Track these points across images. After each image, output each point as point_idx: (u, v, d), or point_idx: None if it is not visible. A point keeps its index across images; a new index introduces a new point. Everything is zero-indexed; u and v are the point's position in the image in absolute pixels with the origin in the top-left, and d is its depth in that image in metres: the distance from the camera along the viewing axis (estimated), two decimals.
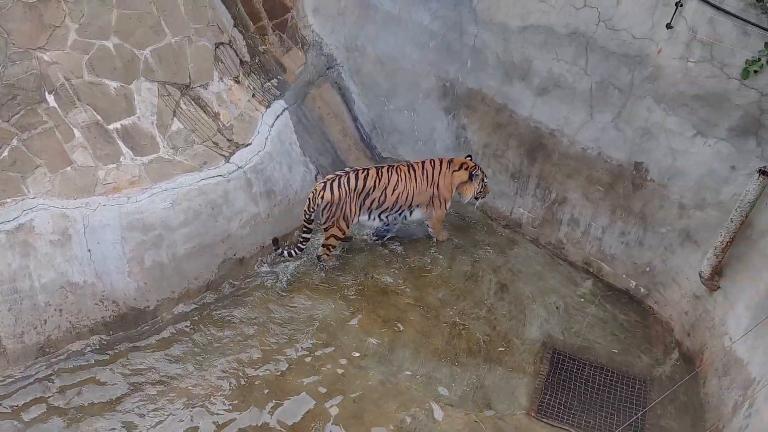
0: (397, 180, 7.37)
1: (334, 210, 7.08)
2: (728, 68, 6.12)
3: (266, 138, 7.44)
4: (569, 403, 6.08)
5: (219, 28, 7.51)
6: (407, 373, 6.16)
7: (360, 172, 7.27)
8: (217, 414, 5.55)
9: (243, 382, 5.84)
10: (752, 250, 6.15)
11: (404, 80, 8.72)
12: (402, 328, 6.63)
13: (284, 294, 6.85)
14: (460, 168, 7.58)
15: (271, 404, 5.68)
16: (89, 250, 5.97)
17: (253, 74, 7.85)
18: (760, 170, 5.81)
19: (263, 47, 8.16)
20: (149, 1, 6.85)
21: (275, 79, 8.11)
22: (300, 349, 6.22)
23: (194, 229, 6.52)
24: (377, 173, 7.31)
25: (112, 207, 6.10)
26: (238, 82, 7.60)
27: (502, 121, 8.00)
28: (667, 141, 6.71)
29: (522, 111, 7.75)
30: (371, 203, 7.29)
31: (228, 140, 7.17)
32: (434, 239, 7.90)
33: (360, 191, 7.19)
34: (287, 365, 6.05)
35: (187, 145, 6.87)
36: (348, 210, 7.16)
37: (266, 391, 5.78)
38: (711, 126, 6.36)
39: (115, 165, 6.37)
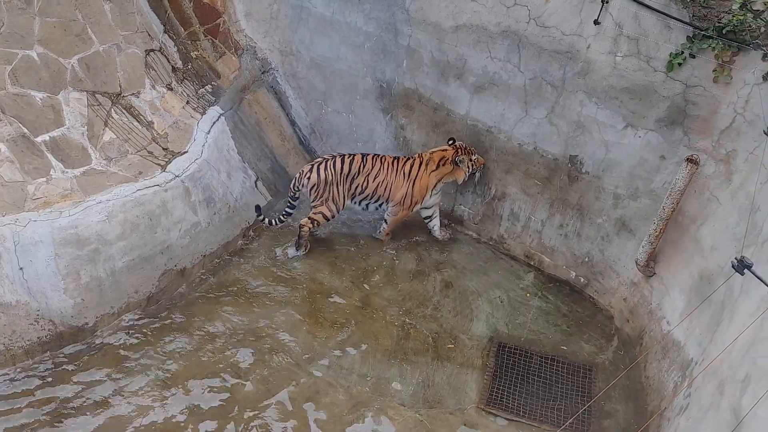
0: (380, 169, 7.60)
1: (321, 191, 7.48)
2: (654, 61, 6.33)
3: (203, 145, 7.30)
4: (517, 394, 6.18)
5: (148, 34, 7.33)
6: (357, 375, 6.15)
7: (346, 156, 7.62)
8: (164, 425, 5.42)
9: (191, 394, 5.71)
10: (684, 235, 6.38)
11: (341, 82, 8.70)
12: (350, 330, 6.62)
13: (230, 302, 6.74)
14: (439, 166, 7.65)
15: (220, 414, 5.58)
16: (21, 269, 5.73)
17: (186, 81, 7.71)
18: (687, 159, 6.04)
19: (195, 53, 8.02)
20: (74, 8, 6.64)
21: (209, 85, 7.98)
22: (248, 357, 6.13)
23: (132, 241, 6.34)
24: (362, 159, 7.61)
25: (44, 222, 5.86)
26: (171, 89, 7.44)
27: (439, 119, 8.08)
28: (599, 134, 6.89)
29: (459, 109, 7.84)
30: (356, 188, 7.58)
31: (163, 149, 7.01)
32: (379, 235, 7.94)
33: (346, 174, 7.49)
34: (235, 374, 5.95)
35: (120, 156, 6.69)
36: (336, 192, 7.48)
37: (215, 403, 5.67)
38: (640, 118, 6.57)
39: (44, 179, 6.15)
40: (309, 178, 7.46)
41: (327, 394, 5.91)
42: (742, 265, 3.02)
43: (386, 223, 7.90)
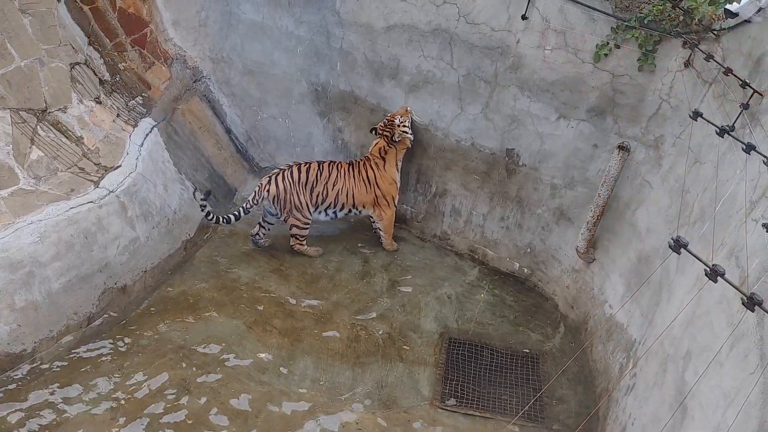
0: (337, 176, 7.61)
1: (283, 202, 7.47)
2: (581, 53, 6.51)
3: (137, 158, 7.11)
4: (470, 388, 6.24)
5: (72, 47, 7.10)
6: (310, 380, 6.10)
7: (302, 165, 7.64)
8: None
9: (141, 412, 5.55)
10: (620, 221, 6.58)
11: (275, 88, 8.63)
12: (300, 336, 6.56)
13: (175, 317, 6.58)
14: (384, 157, 7.73)
15: (171, 428, 5.45)
16: None
17: (115, 93, 7.50)
18: (618, 146, 6.23)
19: (123, 64, 7.81)
20: None
21: (140, 97, 7.78)
22: (196, 370, 6.00)
23: (68, 261, 6.12)
24: (318, 167, 7.61)
25: None
26: (99, 102, 7.22)
27: (376, 120, 8.10)
28: (534, 126, 7.04)
29: (395, 109, 7.88)
30: (317, 197, 7.55)
31: (95, 164, 6.80)
32: (387, 247, 8.01)
33: (305, 183, 7.48)
34: (183, 389, 5.81)
35: (50, 174, 6.45)
36: (297, 201, 7.43)
37: (168, 419, 5.52)
38: (572, 108, 6.74)
39: None
40: (268, 190, 7.42)
41: (281, 403, 5.83)
42: (678, 245, 3.12)
43: (382, 231, 7.90)
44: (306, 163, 7.66)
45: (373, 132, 7.68)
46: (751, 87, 4.88)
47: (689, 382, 4.16)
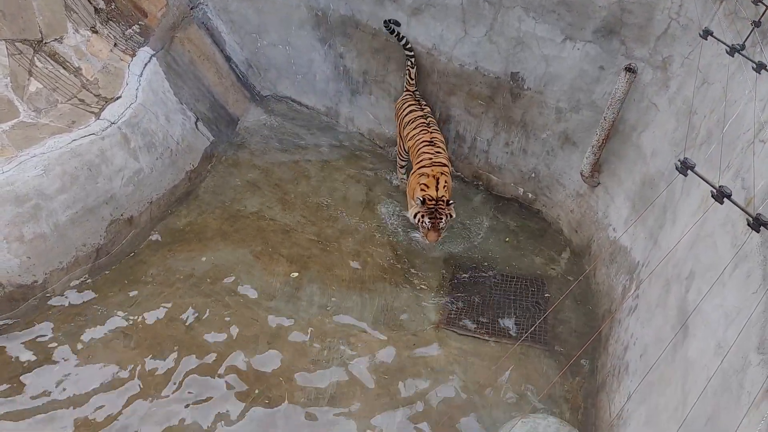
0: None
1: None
2: None
3: (137, 89, 7.03)
4: (475, 312, 6.35)
5: None
6: (317, 307, 6.21)
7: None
8: (129, 371, 5.40)
9: (152, 342, 5.69)
10: (626, 144, 6.53)
11: (275, 14, 8.42)
12: (306, 264, 6.64)
13: (182, 247, 6.65)
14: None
15: (182, 358, 5.58)
16: None
17: (111, 22, 7.34)
18: (626, 68, 6.11)
19: None
20: None
21: (137, 25, 7.62)
22: (206, 300, 6.11)
23: (74, 193, 6.14)
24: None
25: None
26: (96, 32, 7.08)
27: (378, 45, 7.94)
28: (539, 49, 6.89)
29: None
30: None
31: (95, 95, 6.73)
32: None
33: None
34: (196, 319, 5.93)
35: (50, 106, 6.40)
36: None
37: (176, 347, 5.66)
38: (578, 30, 6.58)
39: None
40: None
41: (290, 329, 5.96)
42: (685, 167, 3.10)
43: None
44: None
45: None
46: (763, 3, 4.74)
47: (692, 303, 4.22)
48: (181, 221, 7.00)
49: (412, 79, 7.70)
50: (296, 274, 6.51)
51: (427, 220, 6.60)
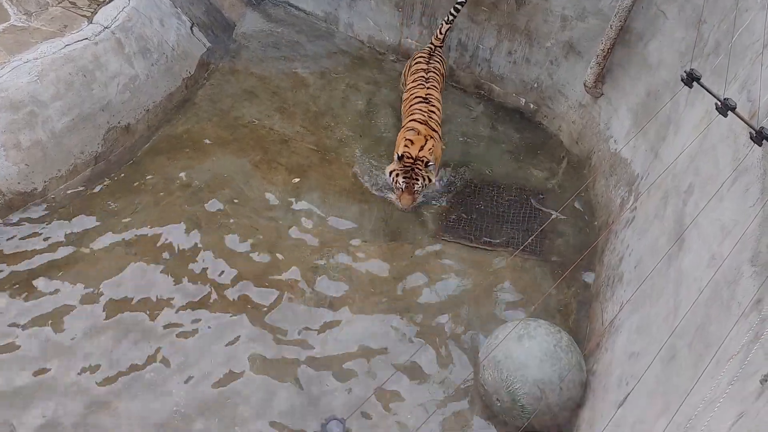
0: None
1: None
2: None
3: None
4: (474, 222, 6.40)
5: None
6: (317, 217, 6.25)
7: None
8: (131, 281, 5.51)
9: (154, 248, 5.76)
10: (631, 54, 6.38)
11: None
12: (306, 174, 6.63)
13: (180, 155, 6.62)
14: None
15: (185, 263, 5.67)
16: None
17: None
18: None
19: None
20: None
21: None
22: (205, 208, 6.14)
23: (69, 100, 6.06)
24: None
25: None
26: None
27: None
28: None
29: None
30: None
31: None
32: None
33: None
34: (196, 225, 5.98)
35: (41, 9, 6.21)
36: None
37: (177, 252, 5.74)
38: None
39: None
40: None
41: (289, 238, 6.02)
42: (691, 78, 3.04)
43: None
44: None
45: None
46: None
47: (689, 215, 4.25)
48: (178, 129, 6.93)
49: (441, 34, 7.18)
50: (297, 180, 6.52)
51: (401, 179, 5.95)
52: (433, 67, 6.85)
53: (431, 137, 6.19)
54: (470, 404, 5.06)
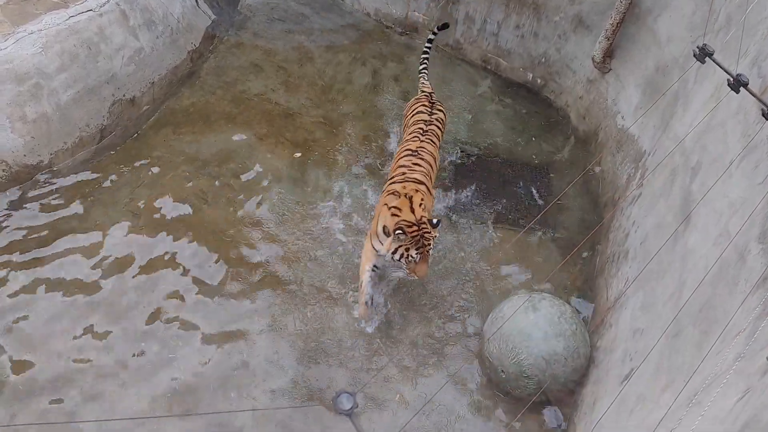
0: None
1: None
2: None
3: None
4: (480, 196, 6.38)
5: None
6: (322, 191, 6.24)
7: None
8: (138, 248, 5.53)
9: (160, 220, 5.77)
10: (640, 29, 6.31)
11: None
12: (311, 147, 6.61)
13: (186, 129, 6.60)
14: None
15: (191, 232, 5.69)
16: None
17: None
18: None
19: None
20: None
21: None
22: (211, 181, 6.13)
23: (74, 72, 6.03)
24: None
25: None
26: None
27: None
28: None
29: None
30: None
31: None
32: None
33: None
34: (202, 198, 5.98)
35: None
36: None
37: (181, 225, 5.75)
38: None
39: None
40: None
41: (294, 211, 6.02)
42: (703, 54, 3.01)
43: None
44: None
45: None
46: None
47: (696, 192, 4.23)
48: (183, 102, 6.90)
49: (426, 81, 6.58)
50: (299, 154, 6.50)
51: (414, 252, 4.87)
52: (436, 119, 6.01)
53: (417, 190, 5.20)
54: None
